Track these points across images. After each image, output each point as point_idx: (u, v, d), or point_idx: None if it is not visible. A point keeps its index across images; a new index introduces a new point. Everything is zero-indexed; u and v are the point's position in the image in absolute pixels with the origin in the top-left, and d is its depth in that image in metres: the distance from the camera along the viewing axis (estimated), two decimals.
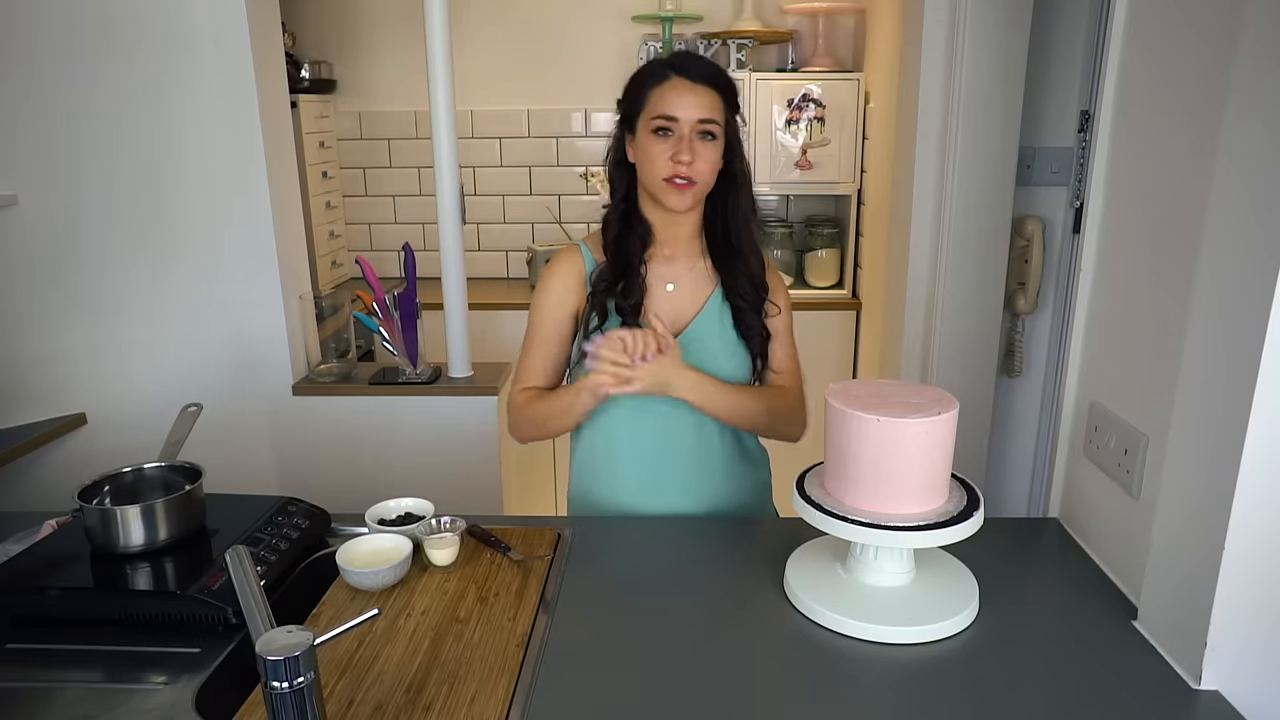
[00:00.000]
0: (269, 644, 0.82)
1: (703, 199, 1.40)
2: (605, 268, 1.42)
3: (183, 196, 2.07)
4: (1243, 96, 0.92)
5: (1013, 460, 2.31)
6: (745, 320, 1.44)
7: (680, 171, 1.33)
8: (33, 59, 1.95)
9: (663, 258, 1.45)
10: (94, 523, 1.21)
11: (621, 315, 1.41)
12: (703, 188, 1.37)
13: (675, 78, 1.35)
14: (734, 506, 1.49)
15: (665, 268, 1.45)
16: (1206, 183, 0.97)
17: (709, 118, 1.34)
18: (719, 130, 1.35)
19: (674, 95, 1.34)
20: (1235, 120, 0.93)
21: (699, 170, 1.34)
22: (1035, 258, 2.12)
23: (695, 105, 1.33)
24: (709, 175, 1.36)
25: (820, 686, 1.02)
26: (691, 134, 1.33)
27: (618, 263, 1.41)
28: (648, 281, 1.43)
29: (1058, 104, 2.08)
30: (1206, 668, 0.98)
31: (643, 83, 1.37)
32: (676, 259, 1.45)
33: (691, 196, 1.36)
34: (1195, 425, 1.00)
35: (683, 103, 1.33)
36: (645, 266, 1.43)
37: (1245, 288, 0.90)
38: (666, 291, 1.44)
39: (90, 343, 2.11)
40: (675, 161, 1.33)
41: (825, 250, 3.35)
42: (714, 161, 1.36)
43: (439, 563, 1.26)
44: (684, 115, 1.33)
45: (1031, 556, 1.34)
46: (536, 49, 3.48)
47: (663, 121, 1.33)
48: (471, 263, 3.11)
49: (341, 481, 2.13)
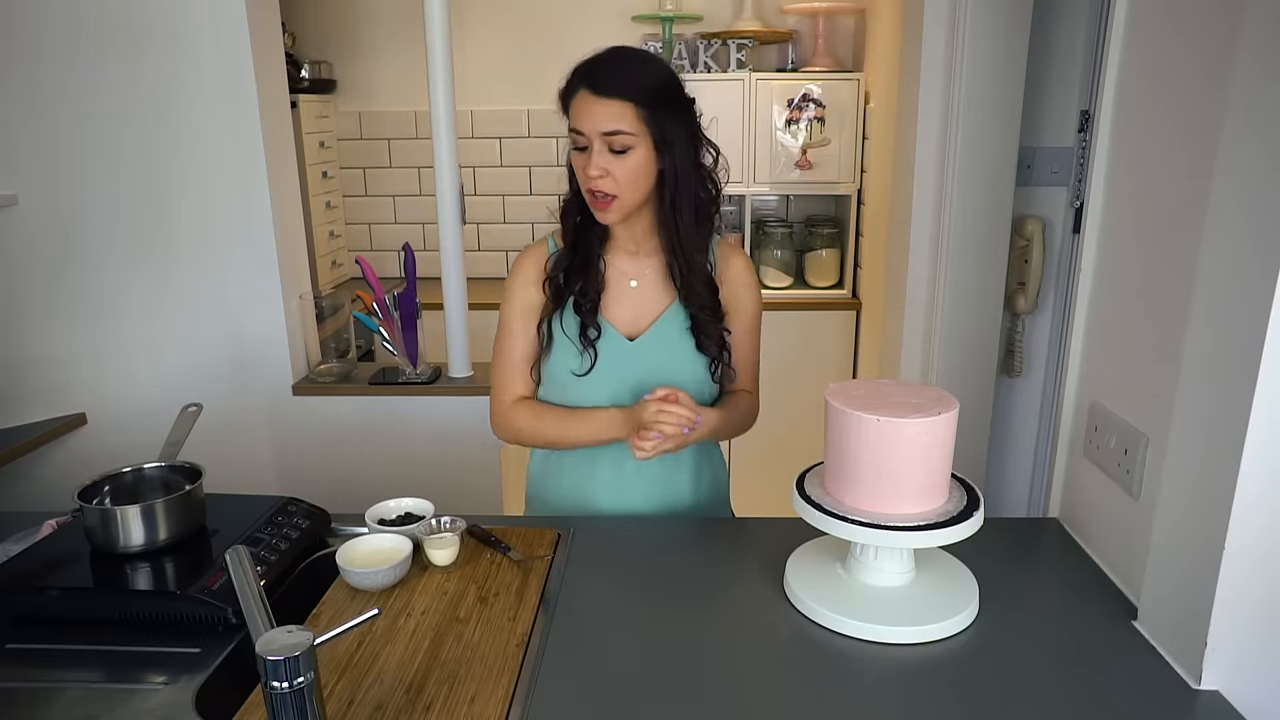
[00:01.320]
0: (269, 644, 0.82)
1: (633, 209, 1.35)
2: (562, 253, 1.42)
3: (183, 196, 2.07)
4: (1242, 98, 0.91)
5: (1013, 460, 2.31)
6: (704, 331, 1.41)
7: (592, 186, 1.31)
8: (33, 59, 1.95)
9: (626, 252, 1.43)
10: (94, 523, 1.21)
11: (579, 313, 1.39)
12: (626, 200, 1.32)
13: (582, 91, 1.30)
14: (692, 505, 1.49)
15: (629, 263, 1.44)
16: (1206, 182, 0.97)
17: (614, 129, 1.28)
18: (633, 140, 1.28)
19: (582, 109, 1.30)
20: (1235, 120, 0.93)
21: (611, 185, 1.30)
22: (1035, 258, 2.12)
23: (601, 117, 1.28)
24: (628, 187, 1.31)
25: (820, 686, 1.02)
26: (602, 148, 1.29)
27: (576, 253, 1.40)
28: (609, 276, 1.42)
29: (1058, 104, 2.08)
30: (1206, 668, 0.98)
31: (564, 93, 1.34)
32: (640, 255, 1.43)
33: (616, 211, 1.33)
34: (1195, 425, 1.00)
35: (588, 115, 1.29)
36: (605, 261, 1.42)
37: (1245, 287, 0.90)
38: (629, 288, 1.43)
39: (90, 343, 2.11)
40: (587, 175, 1.31)
41: (825, 250, 3.35)
42: (632, 172, 1.30)
43: (439, 563, 1.26)
44: (589, 129, 1.29)
45: (1031, 556, 1.34)
46: (536, 49, 3.48)
47: (575, 136, 1.32)
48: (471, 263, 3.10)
49: (341, 481, 2.12)
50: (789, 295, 3.31)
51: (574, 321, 1.40)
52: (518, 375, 1.46)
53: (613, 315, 1.42)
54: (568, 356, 1.41)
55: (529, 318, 1.44)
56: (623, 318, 1.42)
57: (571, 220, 1.42)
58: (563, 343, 1.41)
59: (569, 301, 1.41)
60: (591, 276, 1.40)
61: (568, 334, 1.41)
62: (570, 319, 1.41)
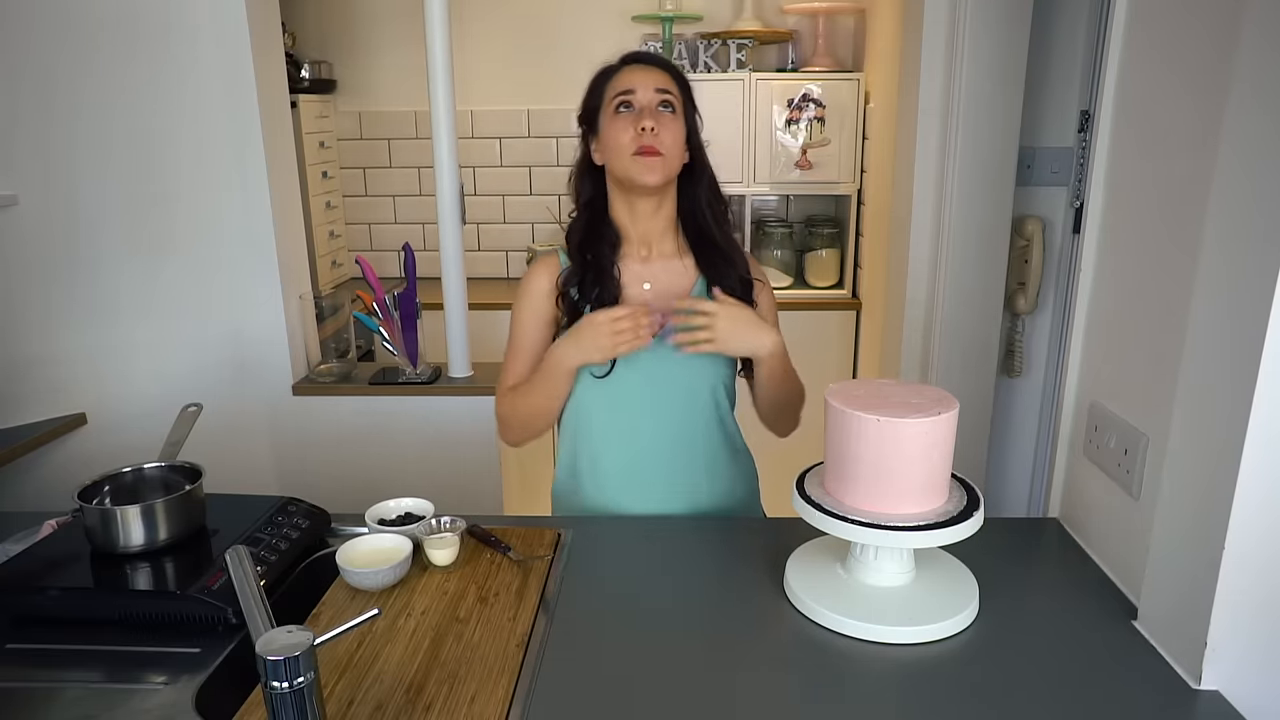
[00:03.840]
0: (269, 644, 0.82)
1: (673, 177, 1.40)
2: (571, 270, 1.42)
3: (183, 196, 2.07)
4: (1243, 98, 0.92)
5: (1013, 460, 2.31)
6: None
7: (645, 142, 1.34)
8: (34, 60, 1.95)
9: (638, 258, 1.44)
10: (94, 523, 1.21)
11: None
12: (670, 160, 1.37)
13: (628, 66, 1.41)
14: (720, 507, 1.48)
15: (642, 267, 1.44)
16: (1207, 182, 0.97)
17: (665, 88, 1.38)
18: (677, 103, 1.39)
19: (630, 75, 1.39)
20: (1236, 120, 0.93)
21: (663, 141, 1.35)
22: (1035, 258, 2.12)
23: (651, 79, 1.38)
24: (674, 148, 1.37)
25: (820, 686, 1.02)
26: (652, 105, 1.36)
27: (587, 267, 1.41)
28: (624, 282, 1.42)
29: (1058, 104, 2.08)
30: (1206, 668, 0.98)
31: (600, 79, 1.43)
32: (652, 259, 1.44)
33: (662, 169, 1.36)
34: (1195, 425, 1.00)
35: (639, 78, 1.38)
36: (619, 268, 1.42)
37: (1245, 287, 0.90)
38: (644, 290, 1.43)
39: (90, 343, 2.11)
40: (640, 130, 1.34)
41: (825, 250, 3.35)
42: (677, 135, 1.37)
43: (439, 563, 1.26)
44: (641, 87, 1.37)
45: (1031, 556, 1.34)
46: (536, 49, 3.48)
47: (624, 97, 1.37)
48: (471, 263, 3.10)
49: (341, 481, 2.13)
50: (789, 295, 3.31)
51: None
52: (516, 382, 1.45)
53: None
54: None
55: (539, 330, 1.45)
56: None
57: (576, 240, 1.44)
58: None
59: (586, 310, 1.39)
60: (608, 284, 1.40)
61: None
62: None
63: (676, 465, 1.44)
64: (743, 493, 1.52)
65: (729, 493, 1.49)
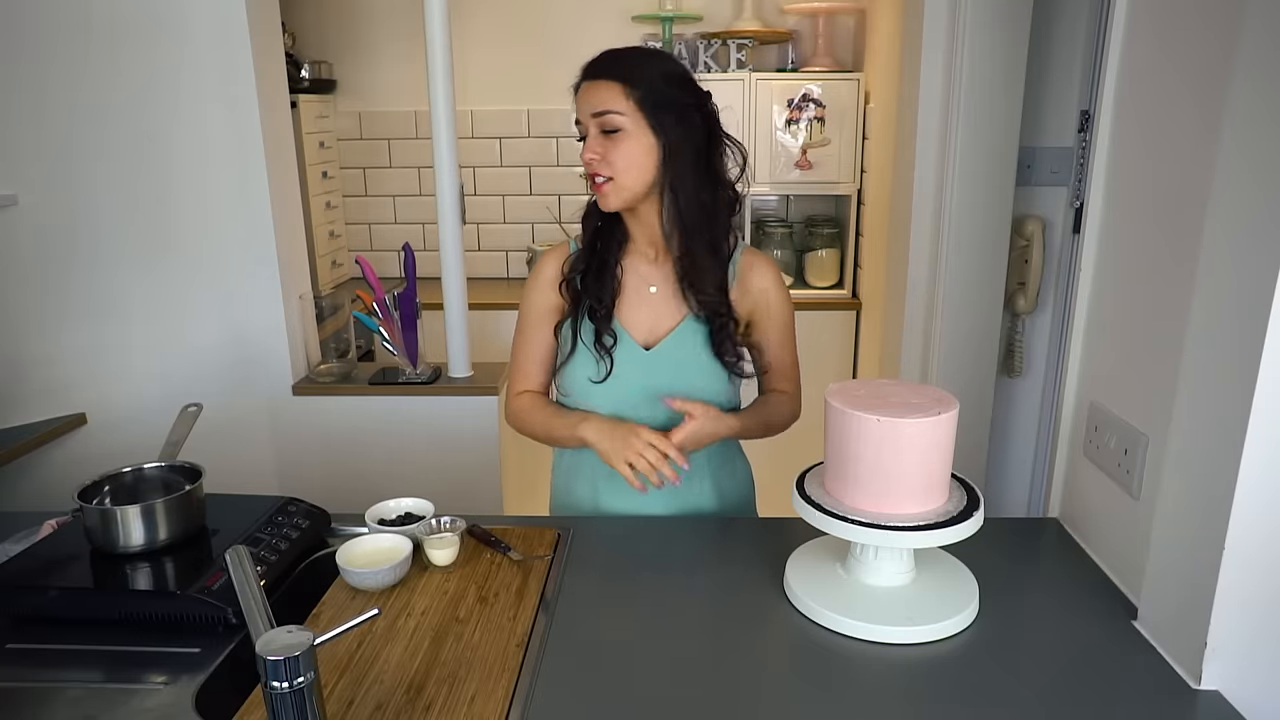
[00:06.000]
0: (269, 644, 0.82)
1: (635, 195, 1.33)
2: (579, 257, 1.42)
3: (183, 197, 2.07)
4: (1243, 98, 0.92)
5: (1013, 460, 2.31)
6: (717, 341, 1.38)
7: (589, 170, 1.32)
8: (34, 60, 1.95)
9: (646, 257, 1.42)
10: (94, 523, 1.21)
11: (594, 319, 1.39)
12: (623, 183, 1.31)
13: (581, 83, 1.34)
14: (716, 509, 1.48)
15: (649, 268, 1.42)
16: (1207, 182, 0.97)
17: (602, 110, 1.29)
18: (622, 120, 1.29)
19: (580, 97, 1.33)
20: (1236, 120, 0.93)
21: (608, 164, 1.30)
22: (1035, 258, 2.12)
23: (592, 99, 1.30)
24: (624, 167, 1.30)
25: (820, 686, 1.02)
26: (595, 131, 1.31)
27: (593, 256, 1.41)
28: (628, 281, 1.42)
29: (1058, 104, 2.08)
30: (1206, 668, 0.98)
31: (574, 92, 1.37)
32: (659, 261, 1.42)
33: (613, 194, 1.32)
34: (1195, 425, 1.00)
35: (582, 100, 1.32)
36: (622, 266, 1.42)
37: (1245, 287, 0.90)
38: (648, 293, 1.42)
39: (90, 343, 2.11)
40: (585, 162, 1.32)
41: (825, 250, 3.35)
42: (625, 154, 1.30)
43: (439, 563, 1.26)
44: (583, 114, 1.32)
45: (1031, 556, 1.33)
46: (536, 49, 3.48)
47: (577, 128, 1.34)
48: (471, 263, 3.10)
49: (341, 481, 2.13)
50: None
51: (590, 328, 1.39)
52: (526, 372, 1.47)
53: (630, 321, 1.41)
54: (586, 363, 1.40)
55: (545, 318, 1.45)
56: (640, 325, 1.41)
57: (592, 223, 1.43)
58: (582, 350, 1.40)
59: (585, 307, 1.40)
60: (607, 282, 1.39)
61: (584, 341, 1.40)
62: (587, 325, 1.40)
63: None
64: (737, 498, 1.52)
65: (725, 498, 1.49)
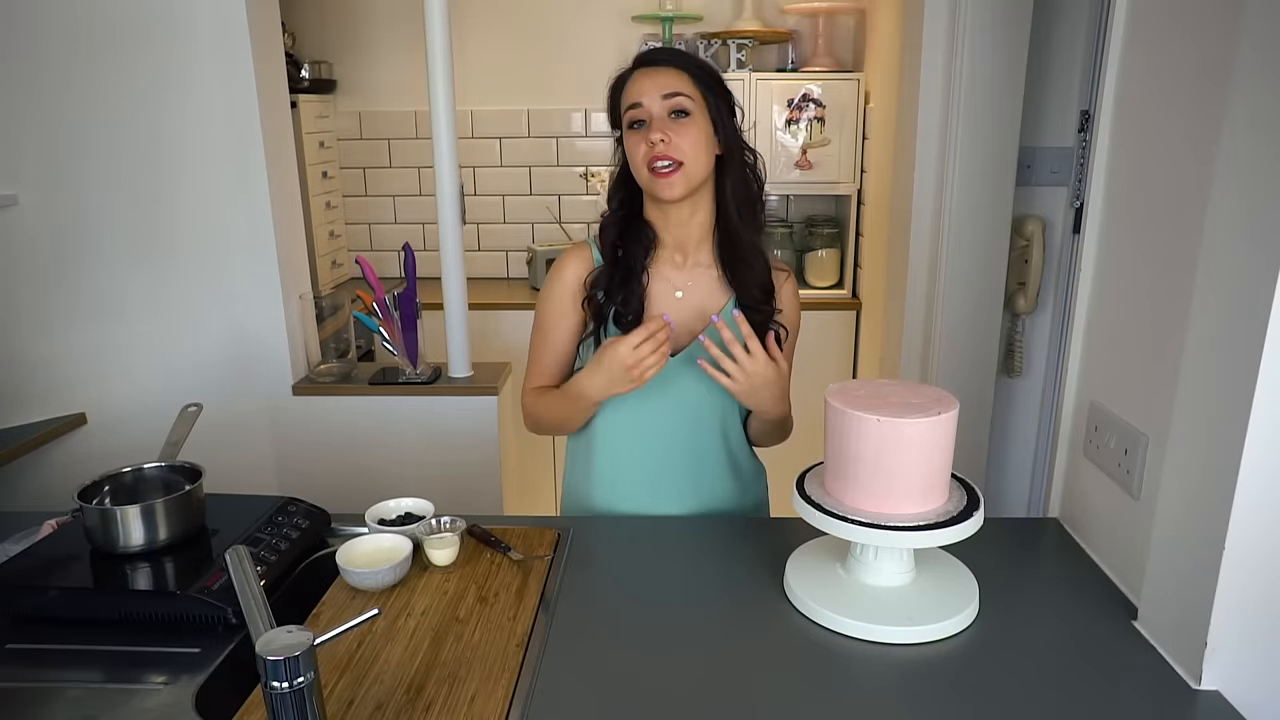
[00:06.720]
0: (269, 644, 0.82)
1: (696, 185, 1.32)
2: (602, 272, 1.38)
3: (183, 196, 2.07)
4: (1243, 97, 0.91)
5: (1013, 460, 2.31)
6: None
7: (657, 154, 1.27)
8: (34, 60, 1.95)
9: (673, 263, 1.40)
10: (94, 523, 1.21)
11: (619, 325, 1.36)
12: (691, 170, 1.29)
13: (637, 71, 1.33)
14: (731, 511, 1.47)
15: (676, 273, 1.40)
16: (1206, 182, 0.97)
17: (674, 91, 1.29)
18: (691, 105, 1.29)
19: (638, 83, 1.31)
20: (1235, 119, 0.93)
21: (678, 148, 1.27)
22: (1035, 258, 2.12)
23: (658, 84, 1.29)
24: (693, 154, 1.29)
25: (820, 687, 1.02)
26: (661, 114, 1.29)
27: (617, 268, 1.37)
28: (654, 287, 1.39)
29: (1058, 104, 2.08)
30: (1206, 668, 0.98)
31: (616, 87, 1.36)
32: (688, 266, 1.40)
33: (681, 181, 1.29)
34: (1195, 425, 1.00)
35: (646, 86, 1.30)
36: (649, 273, 1.38)
37: (1245, 287, 0.90)
38: (675, 299, 1.39)
39: (90, 343, 2.11)
40: (650, 144, 1.28)
41: (825, 250, 3.35)
42: (696, 140, 1.29)
43: (439, 563, 1.26)
44: (648, 97, 1.29)
45: (1031, 556, 1.33)
46: (536, 49, 3.48)
47: (634, 112, 1.31)
48: (471, 263, 3.11)
49: (341, 481, 2.13)
50: None
51: (615, 334, 1.35)
52: (541, 369, 1.44)
53: None
54: None
55: (563, 322, 1.42)
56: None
57: (610, 238, 1.39)
58: None
59: (610, 315, 1.37)
60: (634, 288, 1.36)
61: None
62: (613, 331, 1.37)
63: (684, 473, 1.43)
64: (752, 501, 1.52)
65: (740, 498, 1.49)
